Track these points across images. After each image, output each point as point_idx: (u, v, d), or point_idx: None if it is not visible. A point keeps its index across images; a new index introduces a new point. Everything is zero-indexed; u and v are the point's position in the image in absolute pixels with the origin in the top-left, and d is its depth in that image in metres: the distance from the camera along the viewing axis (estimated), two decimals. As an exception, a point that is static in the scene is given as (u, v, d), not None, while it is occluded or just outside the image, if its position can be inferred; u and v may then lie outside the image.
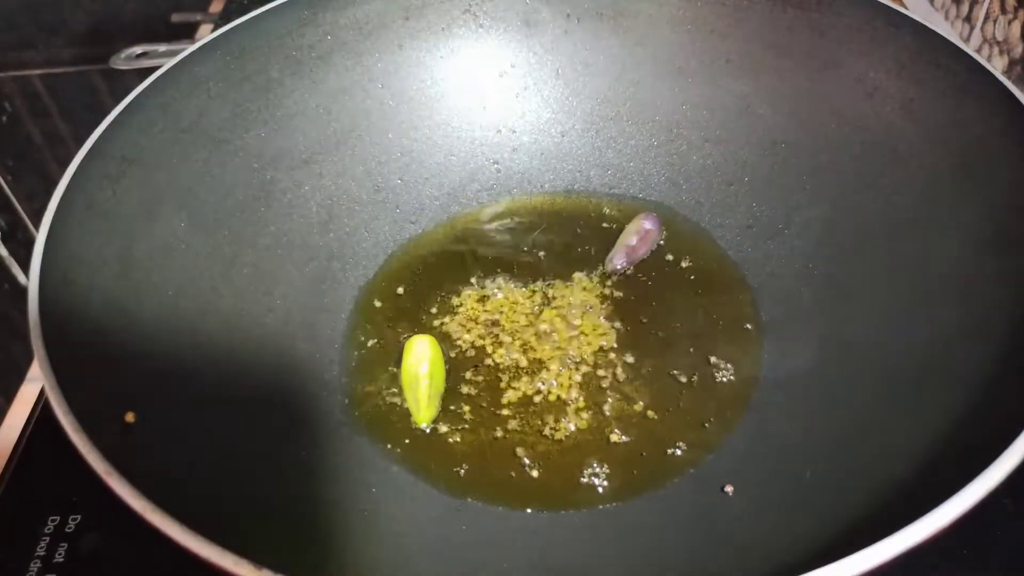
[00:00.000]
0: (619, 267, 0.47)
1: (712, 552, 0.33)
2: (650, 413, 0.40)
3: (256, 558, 0.24)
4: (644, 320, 0.45)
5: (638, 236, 0.47)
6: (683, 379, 0.41)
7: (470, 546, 0.36)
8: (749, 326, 0.43)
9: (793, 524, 0.32)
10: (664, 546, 0.35)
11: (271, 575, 0.24)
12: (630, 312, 0.45)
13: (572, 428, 0.40)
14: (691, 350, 0.43)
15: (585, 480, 0.38)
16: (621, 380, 0.42)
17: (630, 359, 0.43)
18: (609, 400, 0.41)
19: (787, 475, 0.36)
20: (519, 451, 0.39)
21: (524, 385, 0.42)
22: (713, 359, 0.42)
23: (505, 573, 0.34)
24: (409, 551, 0.35)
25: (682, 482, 0.37)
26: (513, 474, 0.38)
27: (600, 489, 0.37)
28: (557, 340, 0.44)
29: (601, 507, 0.37)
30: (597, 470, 0.38)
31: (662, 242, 0.48)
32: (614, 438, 0.39)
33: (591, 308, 0.45)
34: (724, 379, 0.41)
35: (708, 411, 0.40)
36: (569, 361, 0.43)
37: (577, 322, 0.45)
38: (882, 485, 0.31)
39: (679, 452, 0.38)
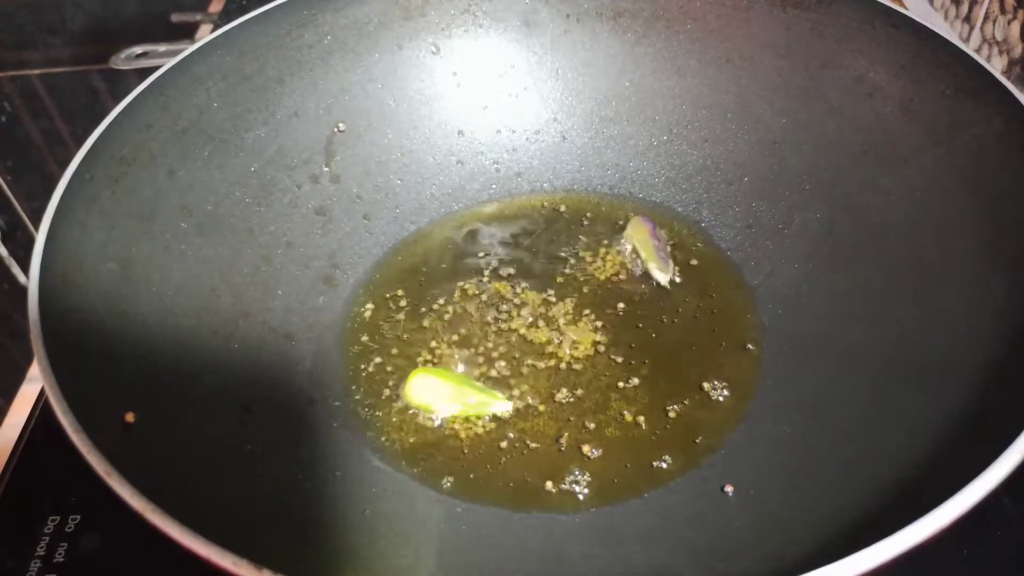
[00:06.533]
0: (670, 273, 0.46)
1: (712, 552, 0.33)
2: (640, 419, 0.40)
3: (256, 558, 0.24)
4: (640, 325, 0.44)
5: (654, 237, 0.47)
6: (682, 381, 0.41)
7: (470, 547, 0.36)
8: (748, 326, 0.43)
9: (793, 524, 0.32)
10: (664, 546, 0.35)
11: (271, 575, 0.24)
12: (627, 315, 0.45)
13: (568, 432, 0.40)
14: (689, 352, 0.43)
15: (584, 482, 0.38)
16: (617, 384, 0.42)
17: (626, 362, 0.43)
18: (604, 405, 0.41)
19: (787, 475, 0.36)
20: (516, 454, 0.39)
21: (521, 388, 0.42)
22: (713, 361, 0.42)
23: (505, 574, 0.34)
24: (408, 551, 0.35)
25: (682, 483, 0.37)
26: (512, 477, 0.38)
27: (599, 491, 0.37)
28: (554, 343, 0.44)
29: (601, 509, 0.37)
30: (592, 474, 0.38)
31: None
32: (607, 441, 0.39)
33: (589, 311, 0.45)
34: (724, 380, 0.41)
35: (709, 411, 0.40)
36: (567, 365, 0.43)
37: (574, 326, 0.45)
38: (882, 485, 0.31)
39: (675, 456, 0.38)
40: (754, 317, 0.44)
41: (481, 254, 0.49)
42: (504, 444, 0.39)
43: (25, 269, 0.84)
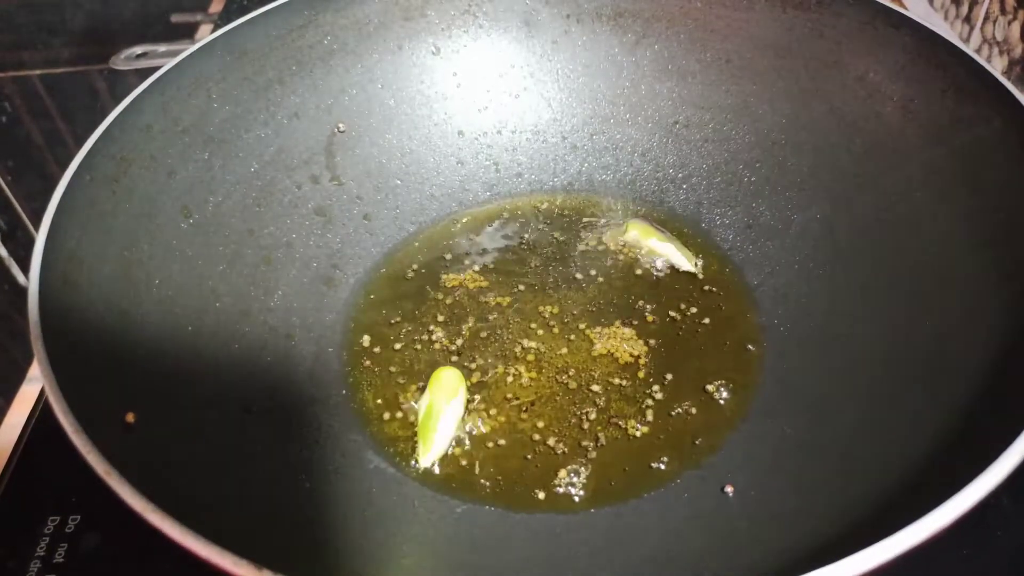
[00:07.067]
0: (692, 262, 0.47)
1: (712, 552, 0.33)
2: (640, 420, 0.40)
3: (256, 558, 0.24)
4: (641, 326, 0.44)
5: (660, 231, 0.47)
6: (682, 381, 0.41)
7: (470, 547, 0.36)
8: (749, 326, 0.43)
9: (793, 524, 0.32)
10: (664, 546, 0.35)
11: (271, 575, 0.24)
12: (626, 316, 0.45)
13: (568, 433, 0.40)
14: (690, 352, 0.43)
15: (584, 483, 0.38)
16: (618, 386, 0.42)
17: (627, 363, 0.43)
18: (604, 406, 0.41)
19: (787, 475, 0.36)
20: (517, 455, 0.39)
21: (520, 387, 0.42)
22: (713, 361, 0.42)
23: (505, 575, 0.34)
24: (408, 551, 0.35)
25: (682, 483, 0.37)
26: (512, 477, 0.38)
27: (599, 492, 0.37)
28: (553, 344, 0.44)
29: (600, 509, 0.37)
30: (592, 475, 0.38)
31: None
32: (607, 441, 0.39)
33: (588, 312, 0.45)
34: (724, 380, 0.41)
35: (709, 412, 0.40)
36: (565, 365, 0.43)
37: (573, 327, 0.45)
38: (882, 485, 0.31)
39: (675, 456, 0.38)
40: (754, 317, 0.44)
41: (481, 254, 0.49)
42: (504, 445, 0.39)
43: (25, 269, 0.84)
